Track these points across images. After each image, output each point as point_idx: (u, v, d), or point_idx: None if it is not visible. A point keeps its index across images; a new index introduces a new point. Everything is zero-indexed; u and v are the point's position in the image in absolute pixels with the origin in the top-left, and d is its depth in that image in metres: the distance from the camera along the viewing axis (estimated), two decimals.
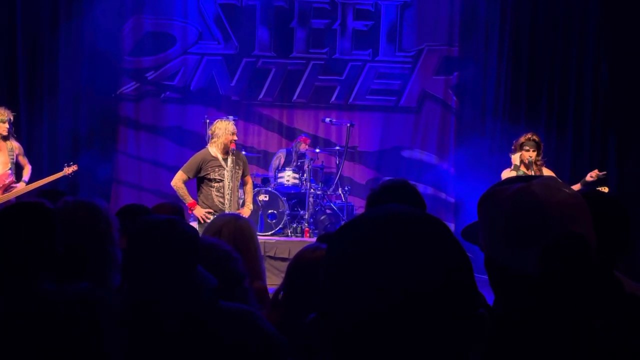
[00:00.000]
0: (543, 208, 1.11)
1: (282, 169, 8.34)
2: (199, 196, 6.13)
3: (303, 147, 8.60)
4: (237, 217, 3.04)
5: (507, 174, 6.12)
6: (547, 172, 6.10)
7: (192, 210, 6.05)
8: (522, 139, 6.16)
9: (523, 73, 8.84)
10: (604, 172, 6.42)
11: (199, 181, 6.14)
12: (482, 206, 1.19)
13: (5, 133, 6.59)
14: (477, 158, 8.72)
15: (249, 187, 6.46)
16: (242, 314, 1.88)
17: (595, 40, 8.65)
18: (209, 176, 6.03)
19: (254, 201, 7.35)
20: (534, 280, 1.09)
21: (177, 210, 3.59)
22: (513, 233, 1.11)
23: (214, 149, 6.09)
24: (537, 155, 6.08)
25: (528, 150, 6.09)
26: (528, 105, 8.74)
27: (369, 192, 2.43)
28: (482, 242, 1.18)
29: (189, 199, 6.06)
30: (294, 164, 8.47)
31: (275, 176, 8.31)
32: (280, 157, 8.69)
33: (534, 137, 6.14)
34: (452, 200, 9.16)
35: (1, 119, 6.58)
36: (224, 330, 1.80)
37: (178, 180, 6.08)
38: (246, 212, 6.17)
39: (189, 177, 6.10)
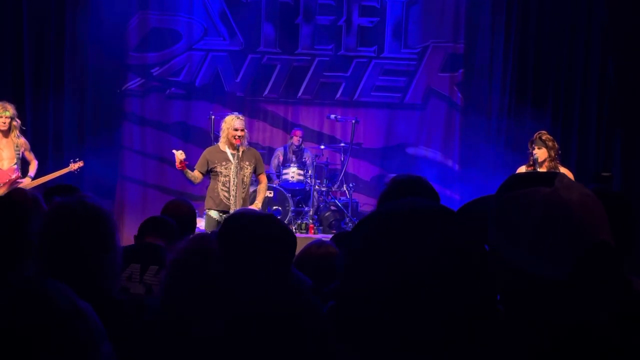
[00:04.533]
0: (574, 217, 1.10)
1: (285, 165, 8.36)
2: (207, 190, 6.17)
3: (296, 140, 8.66)
4: None
5: (522, 170, 6.14)
6: (563, 170, 6.06)
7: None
8: (533, 137, 6.19)
9: (529, 71, 8.83)
10: (610, 173, 6.40)
11: (209, 175, 6.17)
12: (504, 208, 1.17)
13: (3, 128, 6.61)
14: (482, 155, 8.72)
15: (262, 185, 6.44)
16: None
17: (601, 38, 8.62)
18: (216, 169, 6.08)
19: None
20: (557, 286, 1.09)
21: (192, 210, 3.63)
22: (543, 241, 1.11)
23: (223, 144, 6.16)
24: (548, 154, 6.06)
25: (534, 149, 6.11)
26: (534, 103, 8.72)
27: (384, 187, 2.39)
28: (496, 242, 1.16)
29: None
30: (292, 159, 8.50)
31: (279, 173, 8.32)
32: (278, 155, 8.75)
33: (541, 136, 6.13)
34: (456, 197, 9.14)
35: (5, 114, 6.60)
36: (325, 335, 1.69)
37: (196, 179, 6.11)
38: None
39: (202, 173, 6.12)
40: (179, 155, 5.88)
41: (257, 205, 6.26)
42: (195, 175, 6.07)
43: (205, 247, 2.02)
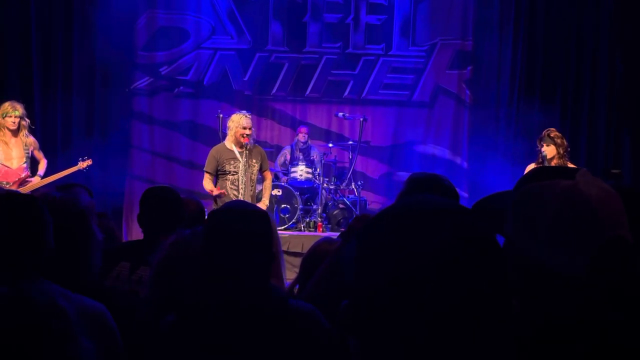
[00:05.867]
0: (593, 210, 1.09)
1: (293, 163, 8.37)
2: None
3: (301, 136, 8.68)
4: None
5: (531, 167, 6.14)
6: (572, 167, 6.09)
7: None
8: (542, 135, 6.22)
9: (537, 68, 8.80)
10: (619, 170, 6.40)
11: (217, 174, 6.18)
12: (523, 200, 1.17)
13: (13, 127, 6.65)
14: (490, 153, 8.70)
15: (267, 182, 6.46)
16: (311, 314, 1.83)
17: (609, 34, 8.59)
18: (224, 169, 6.09)
19: None
20: (575, 281, 1.09)
21: (200, 207, 3.62)
22: (561, 234, 1.10)
23: (229, 142, 6.17)
24: (557, 151, 6.08)
25: (543, 146, 6.14)
26: (542, 99, 8.70)
27: (403, 185, 2.37)
28: (513, 234, 1.16)
29: (216, 190, 6.10)
30: (300, 157, 8.52)
31: (287, 171, 8.34)
32: (285, 154, 8.77)
33: (550, 133, 6.17)
34: (465, 194, 9.13)
35: (15, 114, 6.64)
36: (295, 328, 1.76)
37: (206, 183, 6.12)
38: (262, 207, 6.17)
39: (212, 175, 6.12)
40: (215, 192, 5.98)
41: (264, 203, 6.28)
42: (212, 185, 6.10)
43: (185, 254, 2.05)
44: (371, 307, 0.83)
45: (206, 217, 3.89)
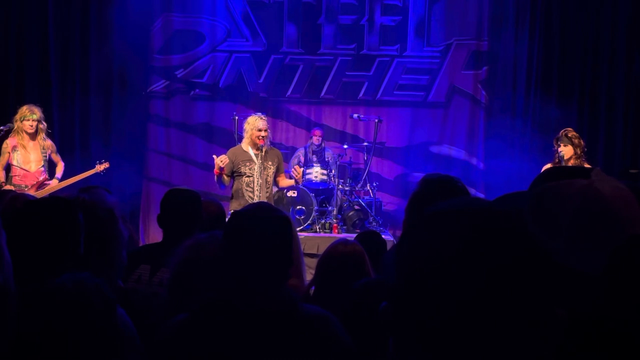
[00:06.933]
0: (609, 209, 1.10)
1: (308, 165, 8.37)
2: (232, 191, 6.22)
3: (315, 139, 8.70)
4: None
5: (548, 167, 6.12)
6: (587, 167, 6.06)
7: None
8: (559, 135, 6.20)
9: (554, 68, 8.74)
10: (637, 170, 6.36)
11: (233, 176, 6.22)
12: (540, 199, 1.17)
13: (31, 130, 6.72)
14: (506, 153, 8.66)
15: (284, 181, 6.53)
16: (322, 319, 1.83)
17: (627, 33, 8.51)
18: (240, 170, 6.12)
19: (283, 196, 7.55)
20: (595, 280, 1.09)
21: (221, 209, 3.64)
22: (578, 231, 1.10)
23: (245, 144, 6.20)
24: (574, 151, 6.06)
25: (560, 146, 6.11)
26: (559, 101, 8.64)
27: (416, 187, 2.35)
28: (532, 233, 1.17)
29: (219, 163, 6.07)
30: (313, 159, 8.53)
31: (303, 172, 8.34)
32: (298, 156, 8.79)
33: (567, 133, 6.15)
34: (481, 195, 9.09)
35: (33, 117, 6.71)
36: (304, 333, 1.76)
37: (227, 182, 6.17)
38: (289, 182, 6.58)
39: (228, 176, 6.17)
40: (220, 162, 5.94)
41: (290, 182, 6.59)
42: (226, 179, 6.13)
43: (202, 257, 2.06)
44: (399, 306, 0.85)
45: (226, 219, 3.91)
